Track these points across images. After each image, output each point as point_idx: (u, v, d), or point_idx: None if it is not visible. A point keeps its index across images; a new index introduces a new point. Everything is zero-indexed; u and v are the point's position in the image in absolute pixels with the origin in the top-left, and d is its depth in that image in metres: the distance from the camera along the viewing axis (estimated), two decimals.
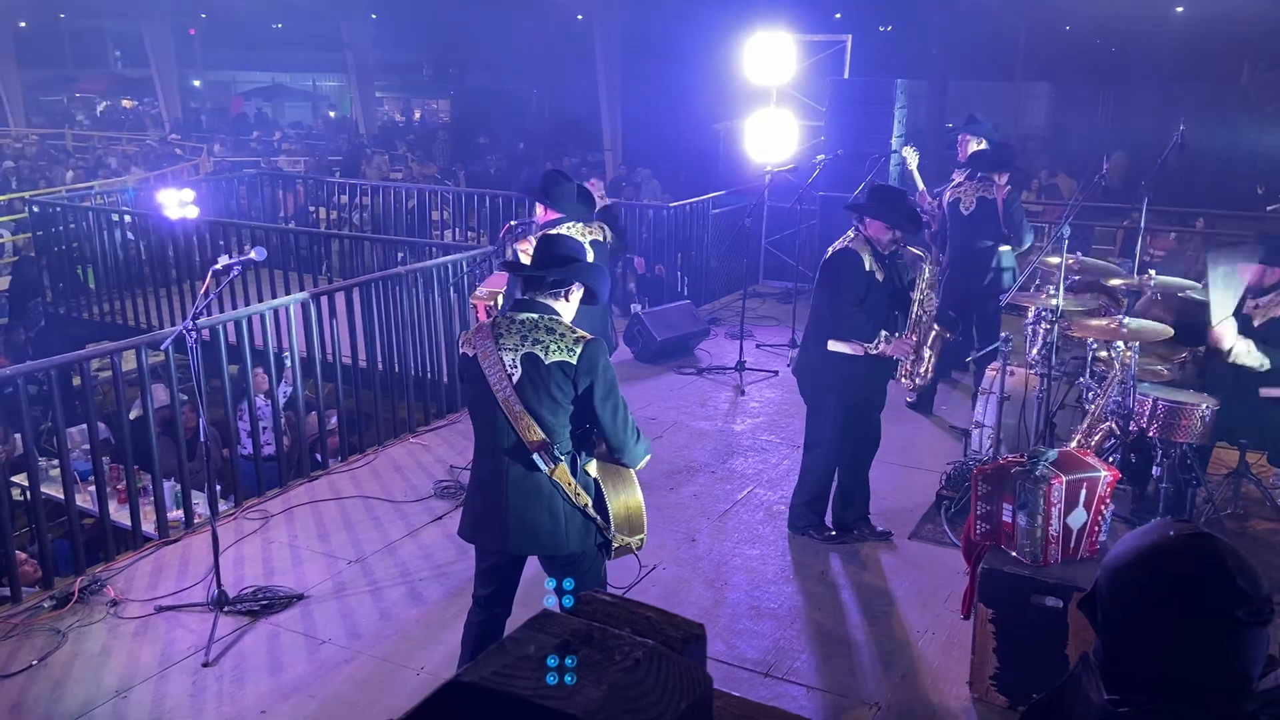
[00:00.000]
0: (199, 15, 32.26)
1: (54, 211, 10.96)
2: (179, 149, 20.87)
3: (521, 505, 3.36)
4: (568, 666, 0.92)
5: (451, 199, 11.96)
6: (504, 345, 3.30)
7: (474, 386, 3.36)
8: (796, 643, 4.31)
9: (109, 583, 4.77)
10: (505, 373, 3.27)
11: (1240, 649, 1.38)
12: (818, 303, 4.99)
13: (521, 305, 3.38)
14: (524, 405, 3.27)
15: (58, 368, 4.98)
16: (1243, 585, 1.38)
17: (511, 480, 3.35)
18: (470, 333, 3.43)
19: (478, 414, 3.43)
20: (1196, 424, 4.82)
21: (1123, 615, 1.44)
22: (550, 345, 3.29)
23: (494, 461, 3.37)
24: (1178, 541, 1.43)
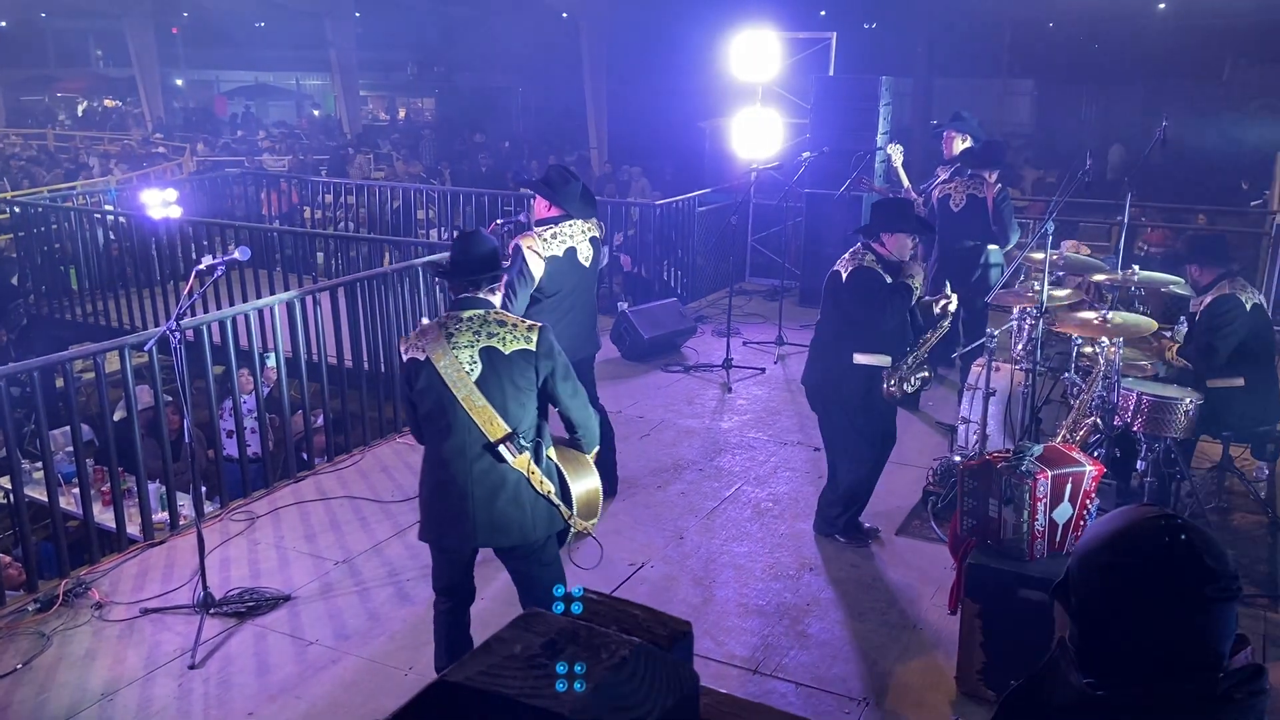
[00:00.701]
0: (182, 14, 32.08)
1: (36, 212, 10.88)
2: (162, 147, 20.77)
3: (488, 499, 3.40)
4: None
5: (437, 198, 11.93)
6: (457, 344, 3.34)
7: (428, 390, 3.37)
8: (785, 639, 4.32)
9: (94, 585, 4.74)
10: (464, 371, 3.32)
11: (1210, 625, 1.41)
12: (836, 318, 4.88)
13: (463, 304, 3.42)
14: (487, 399, 3.32)
15: (40, 369, 4.95)
16: (1210, 563, 1.41)
17: (475, 476, 3.38)
18: (414, 337, 3.43)
19: (433, 417, 3.42)
20: (1180, 418, 4.85)
21: (1094, 598, 1.47)
22: (505, 336, 3.36)
23: (456, 461, 3.39)
24: (1145, 523, 1.47)
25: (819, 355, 5.04)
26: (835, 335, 4.88)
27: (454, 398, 3.33)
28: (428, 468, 3.52)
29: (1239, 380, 5.09)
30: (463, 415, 3.34)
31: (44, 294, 10.78)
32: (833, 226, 9.54)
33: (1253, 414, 5.12)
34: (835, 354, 4.86)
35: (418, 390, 3.41)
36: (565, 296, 5.07)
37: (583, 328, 5.27)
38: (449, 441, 3.40)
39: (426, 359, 3.35)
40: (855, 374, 4.78)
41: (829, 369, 4.92)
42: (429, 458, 3.51)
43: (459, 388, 3.32)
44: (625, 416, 6.78)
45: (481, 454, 3.36)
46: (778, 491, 5.76)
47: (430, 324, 3.46)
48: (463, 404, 3.32)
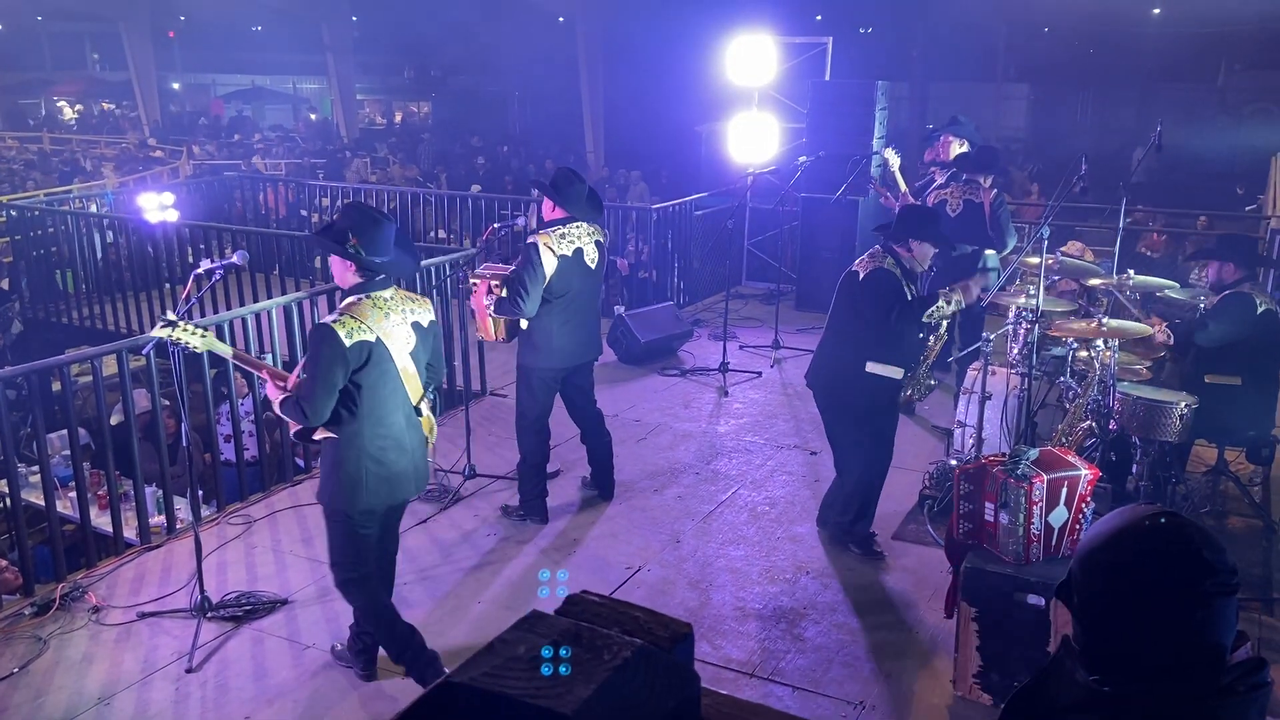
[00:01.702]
0: (178, 18, 32.09)
1: (32, 215, 10.87)
2: (159, 151, 20.76)
3: (417, 451, 3.84)
4: (562, 657, 0.94)
5: (434, 201, 11.94)
6: (395, 322, 3.68)
7: (375, 367, 3.61)
8: (781, 643, 4.32)
9: (90, 589, 4.73)
10: (404, 343, 3.70)
11: (1211, 620, 1.44)
12: (852, 322, 4.80)
13: (381, 284, 3.71)
14: (415, 366, 3.75)
15: (37, 372, 4.95)
16: (1209, 557, 1.44)
17: (409, 434, 3.79)
18: (357, 322, 3.58)
19: (378, 390, 3.65)
20: (1175, 422, 4.87)
21: (1097, 596, 1.50)
22: (418, 310, 3.80)
23: (397, 424, 3.73)
24: (1144, 521, 1.50)
25: (829, 357, 4.96)
26: (849, 340, 4.81)
27: (396, 369, 3.67)
28: (363, 439, 3.66)
29: (1236, 379, 5.10)
30: (399, 383, 3.70)
31: (40, 297, 10.77)
32: (829, 230, 9.57)
33: (1247, 416, 5.13)
34: (848, 359, 4.79)
35: (364, 368, 3.59)
36: (572, 299, 5.10)
37: (588, 332, 5.29)
38: (389, 408, 3.70)
39: (377, 339, 3.60)
40: (868, 382, 4.73)
41: (840, 374, 4.86)
42: (368, 430, 3.66)
43: (400, 359, 3.68)
44: (622, 420, 6.79)
45: (411, 414, 3.79)
46: (774, 495, 5.77)
47: (356, 306, 3.62)
48: (400, 373, 3.69)
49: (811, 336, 8.71)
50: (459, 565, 4.99)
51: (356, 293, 3.66)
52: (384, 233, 3.69)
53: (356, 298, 3.65)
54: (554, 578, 1.25)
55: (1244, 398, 5.08)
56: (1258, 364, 5.09)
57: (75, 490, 5.20)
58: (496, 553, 5.12)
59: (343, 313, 3.60)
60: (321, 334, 3.55)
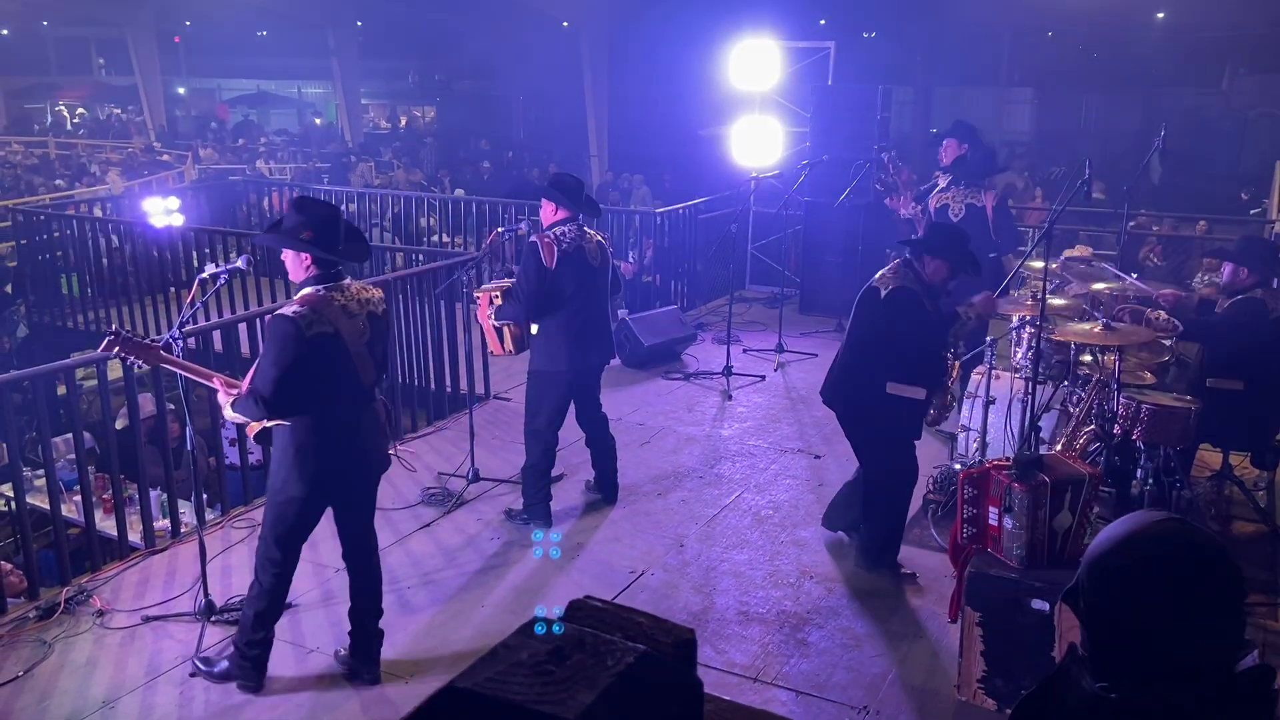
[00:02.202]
0: (184, 23, 32.15)
1: (38, 220, 10.90)
2: (166, 155, 20.82)
3: (371, 434, 3.92)
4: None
5: (439, 205, 11.96)
6: (353, 314, 3.76)
7: (334, 357, 3.69)
8: (785, 647, 4.32)
9: (95, 593, 4.74)
10: (360, 333, 3.78)
11: (1218, 627, 1.44)
12: (872, 341, 4.65)
13: (337, 275, 3.78)
14: (371, 356, 3.83)
15: (43, 377, 4.96)
16: (1217, 564, 1.46)
17: (365, 419, 3.87)
18: (315, 315, 3.64)
19: (331, 380, 3.72)
20: (1180, 427, 4.86)
21: (1104, 601, 1.50)
22: (374, 301, 3.89)
23: (352, 411, 3.81)
24: (1152, 527, 1.50)
25: (847, 377, 4.80)
26: (869, 358, 4.67)
27: (350, 359, 3.75)
28: (318, 426, 3.75)
29: (1239, 384, 5.09)
30: (353, 372, 3.77)
31: (46, 301, 10.80)
32: (832, 234, 9.58)
33: (1248, 422, 5.12)
34: (867, 378, 4.65)
35: (319, 360, 3.65)
36: (580, 300, 5.12)
37: (599, 334, 5.31)
38: (346, 396, 3.78)
39: (336, 331, 3.68)
40: (888, 403, 4.59)
41: (859, 394, 4.72)
42: (319, 417, 3.74)
43: (356, 350, 3.76)
44: (625, 424, 6.79)
45: (366, 401, 3.87)
46: (778, 499, 5.77)
47: (315, 299, 3.68)
48: (355, 360, 3.76)
49: (815, 340, 8.73)
50: (463, 569, 5.00)
51: (313, 284, 3.74)
52: (336, 225, 3.77)
53: (314, 290, 3.72)
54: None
55: (1246, 403, 5.08)
56: (1262, 371, 5.08)
57: (80, 494, 5.21)
58: (500, 556, 5.12)
59: (301, 304, 3.67)
60: (279, 326, 3.61)
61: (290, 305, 3.68)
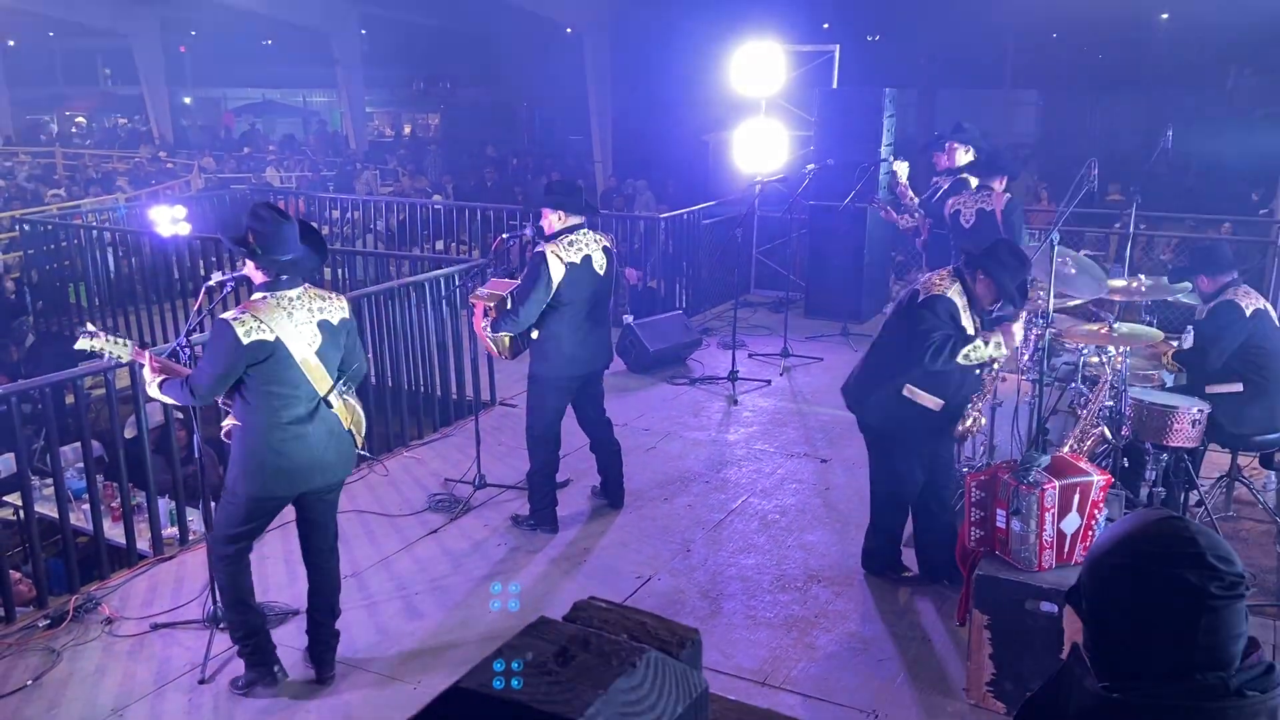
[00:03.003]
0: (189, 33, 32.30)
1: (45, 230, 10.95)
2: (170, 163, 20.89)
3: (326, 441, 3.94)
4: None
5: (443, 212, 11.98)
6: (298, 320, 3.79)
7: (274, 362, 3.74)
8: (793, 651, 4.31)
9: (104, 601, 4.75)
10: (308, 341, 3.80)
11: (1219, 624, 1.44)
12: (900, 341, 4.49)
13: (286, 284, 3.82)
14: (323, 361, 3.85)
15: (51, 386, 4.98)
16: (1214, 561, 1.45)
17: (315, 424, 3.89)
18: (255, 320, 3.70)
19: (277, 385, 3.78)
20: (1187, 427, 4.84)
21: (1105, 600, 1.51)
22: (329, 309, 3.91)
23: (301, 416, 3.84)
24: (1152, 525, 1.51)
25: (868, 374, 4.70)
26: (892, 360, 4.54)
27: (299, 366, 3.79)
28: (265, 430, 3.82)
29: (1237, 385, 5.08)
30: (304, 378, 3.81)
31: (53, 310, 10.84)
32: (837, 238, 9.57)
33: (1254, 421, 5.10)
34: (887, 379, 4.55)
35: (261, 365, 3.73)
36: (582, 305, 5.11)
37: (599, 339, 5.30)
38: (289, 403, 3.82)
39: (277, 339, 3.72)
40: (905, 407, 4.49)
41: (875, 394, 4.62)
42: (266, 421, 3.81)
43: (302, 355, 3.78)
44: (631, 429, 6.79)
45: (318, 406, 3.88)
46: (785, 503, 5.76)
47: (259, 305, 3.76)
48: (302, 367, 3.79)
49: (820, 344, 8.72)
50: (470, 575, 5.00)
51: (263, 290, 3.81)
52: (285, 231, 3.80)
53: (261, 295, 3.80)
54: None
55: (1249, 403, 5.06)
56: (1260, 367, 5.08)
57: (89, 502, 5.23)
58: (507, 562, 5.12)
59: (244, 310, 3.75)
60: (219, 330, 3.73)
61: (234, 309, 3.79)
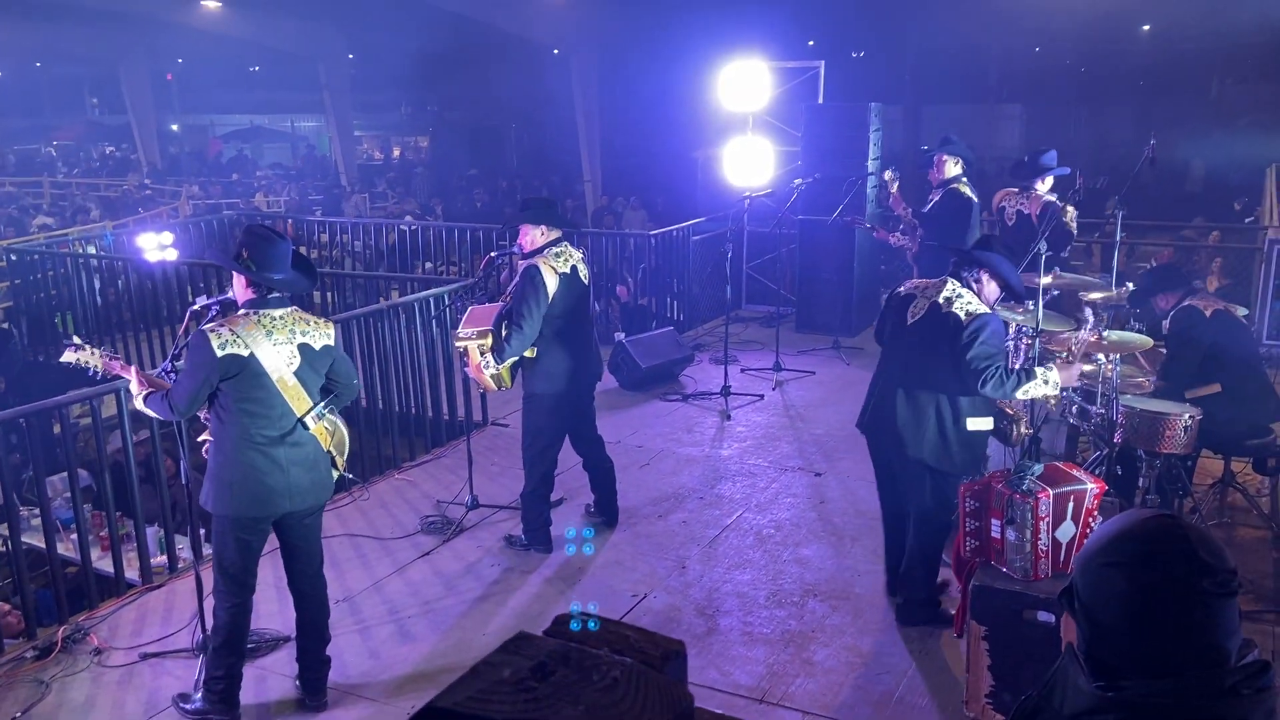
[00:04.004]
0: (176, 60, 32.35)
1: (32, 259, 10.91)
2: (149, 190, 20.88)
3: (302, 463, 3.89)
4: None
5: (431, 234, 11.98)
6: (277, 340, 3.78)
7: (247, 379, 3.73)
8: (791, 667, 4.27)
9: (92, 631, 4.70)
10: (286, 361, 3.78)
11: (1210, 620, 1.43)
12: (947, 368, 4.19)
13: (273, 303, 3.82)
14: (301, 383, 3.82)
15: (37, 414, 4.94)
16: (1206, 557, 1.44)
17: (289, 447, 3.85)
18: (233, 335, 3.69)
19: (249, 402, 3.76)
20: (1180, 434, 4.83)
21: (1097, 599, 1.50)
22: (312, 333, 3.88)
23: (273, 437, 3.80)
24: (1143, 523, 1.50)
25: (926, 418, 4.29)
26: (940, 388, 4.25)
27: (274, 385, 3.76)
28: (237, 446, 3.79)
29: (1216, 386, 5.11)
30: (279, 398, 3.79)
31: (40, 339, 10.77)
32: (827, 252, 9.59)
33: (1240, 422, 5.11)
34: (942, 413, 4.27)
35: (234, 379, 3.71)
36: (572, 319, 5.12)
37: (591, 351, 5.31)
38: (262, 422, 3.79)
39: (250, 354, 3.72)
40: (968, 441, 4.32)
41: (949, 441, 4.28)
42: (237, 438, 3.78)
43: (278, 374, 3.77)
44: (624, 446, 6.76)
45: (294, 428, 3.84)
46: (779, 518, 5.73)
47: (240, 320, 3.76)
48: (277, 386, 3.77)
49: (812, 358, 8.71)
50: (463, 597, 4.95)
51: (247, 308, 3.81)
52: (277, 250, 3.82)
53: (244, 312, 3.80)
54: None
55: (1232, 402, 5.07)
56: (1234, 366, 5.11)
57: (76, 532, 5.17)
58: (501, 584, 5.08)
59: (223, 324, 3.75)
60: (196, 340, 3.72)
61: (216, 322, 3.79)
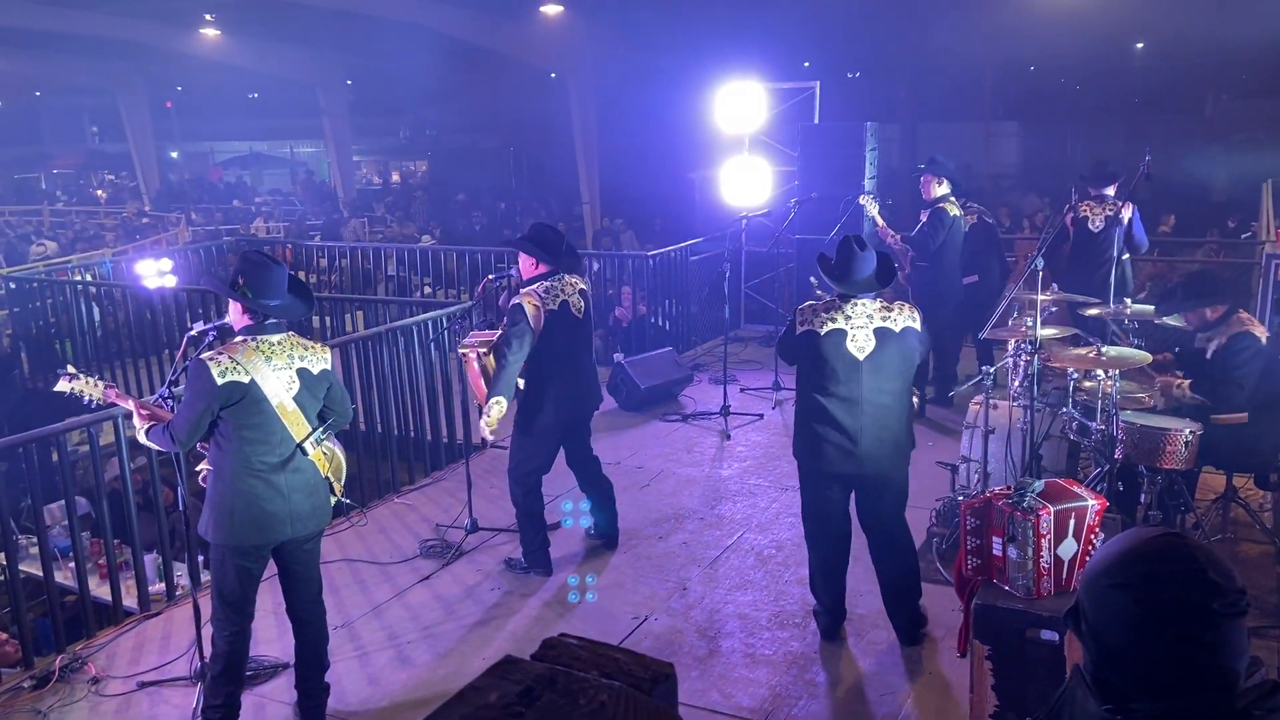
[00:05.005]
0: (175, 88, 32.52)
1: (31, 287, 10.92)
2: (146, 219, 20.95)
3: (302, 489, 3.88)
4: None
5: (430, 257, 12.00)
6: (277, 365, 3.79)
7: (248, 405, 3.73)
8: (793, 689, 4.24)
9: (90, 660, 4.66)
10: (285, 387, 3.79)
11: (1220, 641, 1.40)
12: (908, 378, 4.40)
13: (270, 329, 3.83)
14: (300, 408, 3.83)
15: (35, 441, 4.92)
16: (1215, 577, 1.41)
17: (289, 471, 3.83)
18: (232, 362, 3.70)
19: (249, 429, 3.75)
20: (1180, 449, 4.82)
21: (1104, 620, 1.46)
22: (310, 358, 3.90)
23: (273, 463, 3.79)
24: (1150, 542, 1.47)
25: (893, 426, 4.36)
26: (905, 399, 4.44)
27: (274, 411, 3.76)
28: (237, 474, 3.78)
29: (1243, 416, 5.06)
30: (279, 424, 3.78)
31: (39, 367, 10.77)
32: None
33: (1250, 446, 5.08)
34: (907, 422, 4.44)
35: (235, 406, 3.71)
36: (564, 352, 5.09)
37: (585, 383, 5.27)
38: (261, 449, 3.78)
39: (251, 381, 3.72)
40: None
41: (904, 443, 4.44)
42: (238, 466, 3.77)
43: (277, 399, 3.77)
44: (624, 467, 6.74)
45: (293, 453, 3.83)
46: (781, 538, 5.70)
47: (238, 347, 3.77)
48: (277, 411, 3.77)
49: None
50: (462, 622, 4.92)
51: (244, 334, 3.82)
52: (273, 276, 3.83)
53: (242, 338, 3.81)
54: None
55: (1251, 430, 5.04)
56: (1263, 396, 5.05)
57: (74, 560, 5.15)
58: (500, 607, 5.05)
59: (221, 352, 3.75)
60: (196, 369, 3.72)
61: (213, 350, 3.78)
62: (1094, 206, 7.27)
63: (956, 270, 7.52)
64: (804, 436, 4.41)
